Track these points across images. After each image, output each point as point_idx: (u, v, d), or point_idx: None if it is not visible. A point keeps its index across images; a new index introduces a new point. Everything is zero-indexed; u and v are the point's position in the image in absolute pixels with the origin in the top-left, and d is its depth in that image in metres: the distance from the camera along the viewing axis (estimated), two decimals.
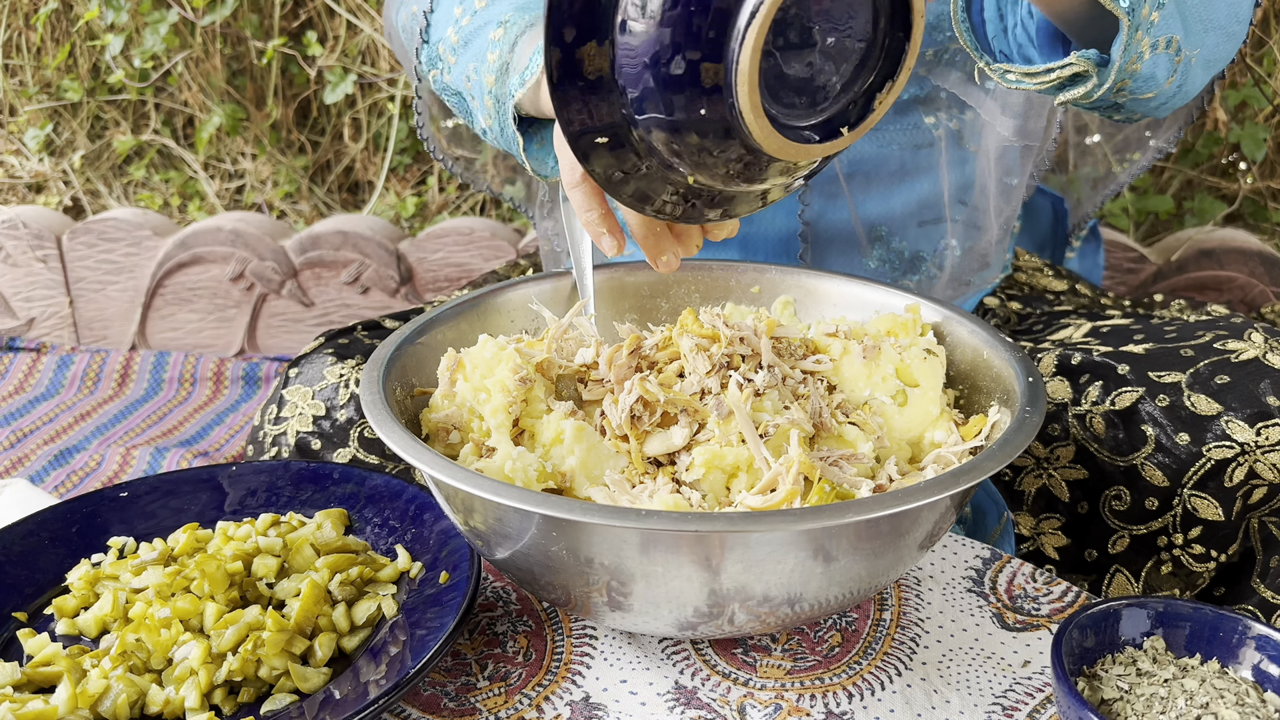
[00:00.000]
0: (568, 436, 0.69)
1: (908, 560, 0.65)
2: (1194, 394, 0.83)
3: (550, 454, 0.69)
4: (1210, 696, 0.59)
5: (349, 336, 1.00)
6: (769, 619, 0.63)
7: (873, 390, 0.73)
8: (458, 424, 0.73)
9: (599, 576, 0.61)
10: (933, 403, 0.74)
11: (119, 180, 2.19)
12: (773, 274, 0.88)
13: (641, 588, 0.61)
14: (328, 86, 2.00)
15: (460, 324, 0.83)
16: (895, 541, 0.62)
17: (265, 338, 1.97)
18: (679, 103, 0.61)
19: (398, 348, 0.76)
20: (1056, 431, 0.89)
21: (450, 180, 2.07)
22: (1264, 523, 0.83)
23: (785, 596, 0.61)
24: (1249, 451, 0.81)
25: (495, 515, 0.62)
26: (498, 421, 0.70)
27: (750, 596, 0.61)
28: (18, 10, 2.11)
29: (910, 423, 0.73)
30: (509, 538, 0.63)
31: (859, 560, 0.61)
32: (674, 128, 0.62)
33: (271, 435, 0.94)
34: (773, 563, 0.59)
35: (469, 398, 0.72)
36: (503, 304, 0.86)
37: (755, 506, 0.63)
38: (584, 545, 0.60)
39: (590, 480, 0.68)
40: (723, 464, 0.67)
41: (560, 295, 0.88)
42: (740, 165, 0.64)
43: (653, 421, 0.69)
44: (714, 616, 0.62)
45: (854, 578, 0.62)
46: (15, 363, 1.94)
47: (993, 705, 0.66)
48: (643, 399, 0.69)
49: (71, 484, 1.55)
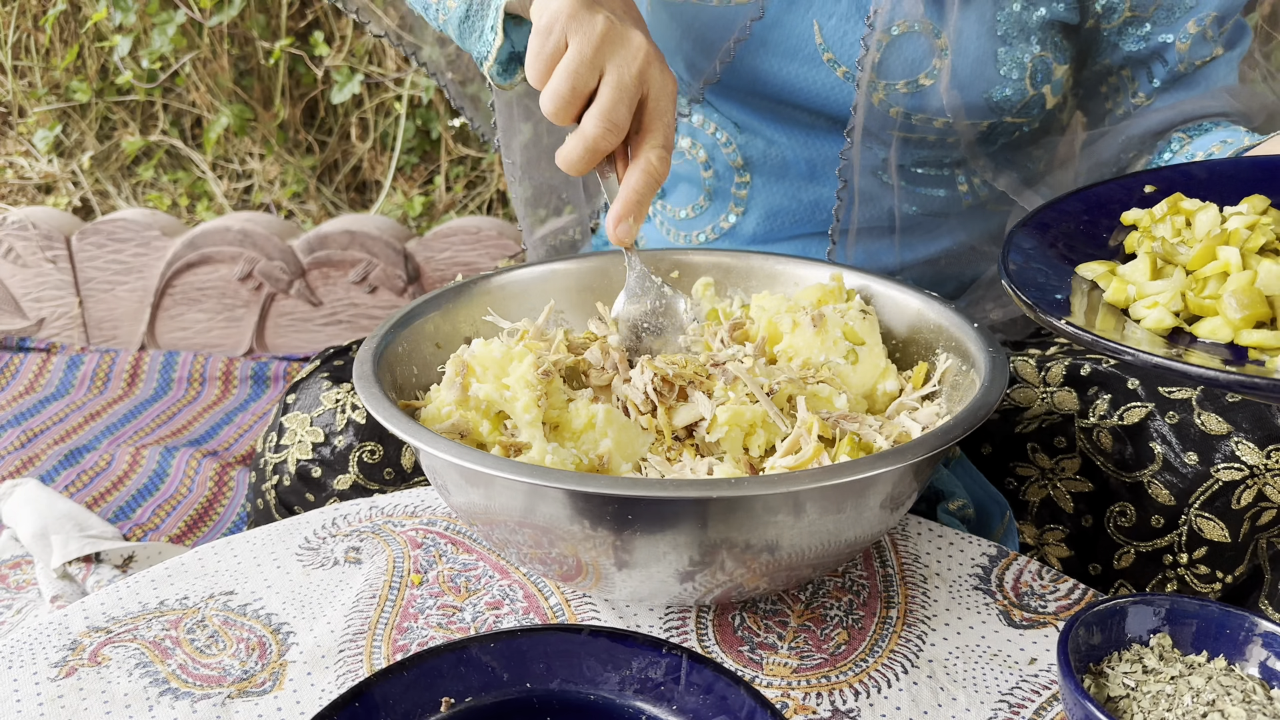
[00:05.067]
0: (599, 421, 0.71)
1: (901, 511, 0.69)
2: (1204, 412, 0.82)
3: (582, 440, 0.72)
4: (1217, 694, 0.59)
5: (344, 357, 1.00)
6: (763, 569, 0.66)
7: (827, 354, 0.78)
8: (464, 430, 0.73)
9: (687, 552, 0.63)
10: (879, 356, 0.79)
11: (128, 181, 2.20)
12: (691, 256, 0.91)
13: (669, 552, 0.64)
14: (335, 86, 2.00)
15: (424, 326, 0.83)
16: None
17: (274, 337, 1.97)
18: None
19: (375, 364, 0.75)
20: (1063, 443, 0.88)
21: (457, 180, 2.08)
22: (1273, 543, 0.82)
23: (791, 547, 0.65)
24: (1258, 474, 0.80)
25: (612, 510, 0.62)
26: (530, 417, 0.71)
27: (769, 547, 0.64)
28: (26, 12, 2.11)
29: (864, 378, 0.78)
30: (579, 525, 0.64)
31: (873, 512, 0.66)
32: None
33: (273, 463, 0.94)
34: (813, 517, 0.63)
35: (495, 398, 0.72)
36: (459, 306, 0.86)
37: (791, 467, 0.67)
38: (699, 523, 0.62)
39: (625, 459, 0.71)
40: (742, 421, 0.70)
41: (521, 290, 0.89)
42: None
43: (673, 396, 0.73)
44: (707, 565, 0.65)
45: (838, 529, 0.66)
46: (25, 363, 1.95)
47: (999, 703, 0.66)
48: (661, 375, 0.72)
49: (82, 483, 1.56)
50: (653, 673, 0.57)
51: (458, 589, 0.76)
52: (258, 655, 0.69)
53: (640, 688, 0.57)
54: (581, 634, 0.58)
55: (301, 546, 0.79)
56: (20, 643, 0.70)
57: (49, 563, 1.30)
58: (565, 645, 0.58)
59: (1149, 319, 0.63)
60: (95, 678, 0.67)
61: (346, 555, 0.79)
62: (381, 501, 0.84)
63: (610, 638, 0.58)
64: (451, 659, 0.57)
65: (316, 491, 0.93)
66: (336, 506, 0.84)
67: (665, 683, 0.57)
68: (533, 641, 0.58)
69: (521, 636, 0.58)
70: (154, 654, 0.69)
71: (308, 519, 0.82)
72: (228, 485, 1.58)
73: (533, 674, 0.58)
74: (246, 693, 0.66)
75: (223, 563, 0.78)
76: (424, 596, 0.75)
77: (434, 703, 0.56)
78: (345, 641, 0.70)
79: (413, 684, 0.56)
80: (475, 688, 0.57)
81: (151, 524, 1.47)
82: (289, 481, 0.93)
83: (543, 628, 0.59)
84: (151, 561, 1.32)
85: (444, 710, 0.56)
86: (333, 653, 0.69)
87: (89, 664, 0.69)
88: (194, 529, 1.48)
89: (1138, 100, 0.99)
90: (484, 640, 0.57)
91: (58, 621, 0.72)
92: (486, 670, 0.57)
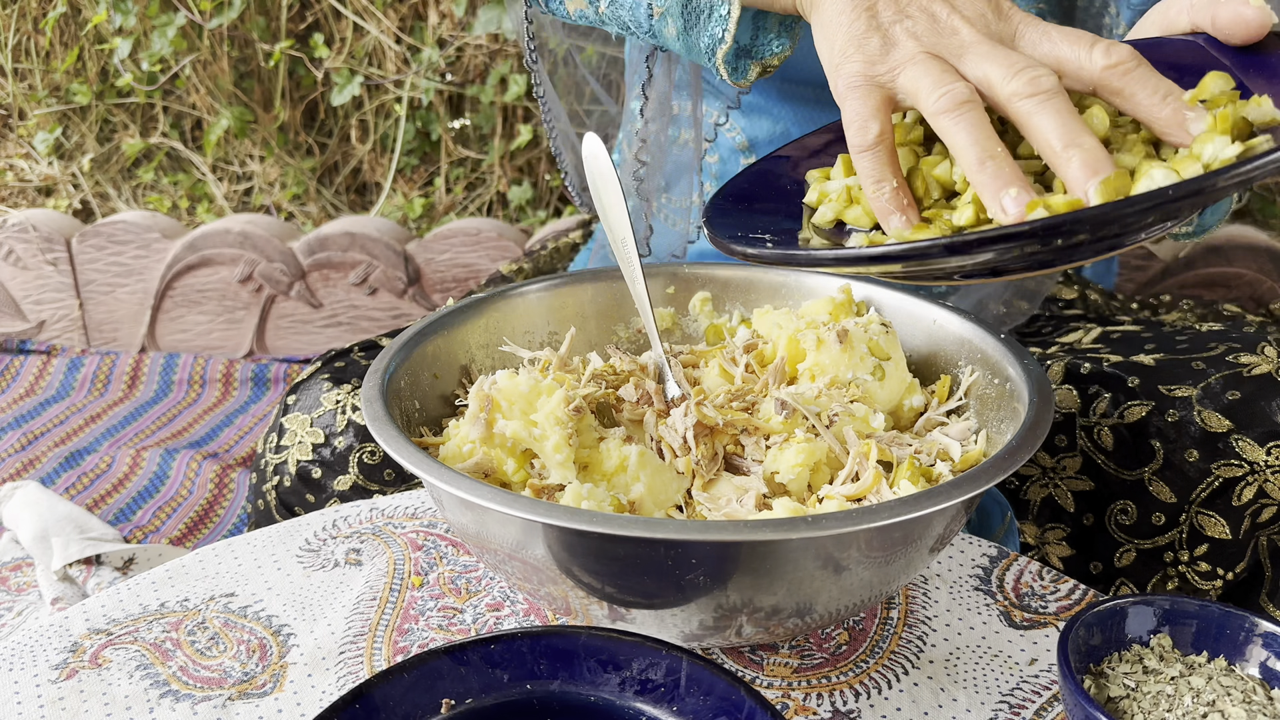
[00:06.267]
0: (632, 463, 0.67)
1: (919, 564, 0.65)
2: (1204, 410, 0.82)
3: (614, 483, 0.67)
4: (1217, 694, 0.59)
5: (345, 359, 1.00)
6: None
7: (854, 371, 0.74)
8: (488, 469, 0.69)
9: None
10: (903, 371, 0.75)
11: (128, 183, 2.20)
12: (685, 270, 0.87)
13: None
14: (335, 88, 2.00)
15: (442, 338, 0.79)
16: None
17: (274, 339, 1.97)
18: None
19: (388, 378, 0.72)
20: (1064, 442, 0.88)
21: (457, 181, 2.08)
22: (1274, 540, 0.82)
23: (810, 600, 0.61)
24: (1259, 471, 0.80)
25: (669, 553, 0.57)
26: (562, 458, 0.66)
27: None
28: (26, 14, 2.12)
29: (890, 394, 0.74)
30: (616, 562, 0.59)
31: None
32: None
33: (273, 464, 0.94)
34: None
35: (523, 436, 0.68)
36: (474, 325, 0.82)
37: (850, 495, 0.64)
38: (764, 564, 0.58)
39: (657, 505, 0.67)
40: (813, 460, 0.66)
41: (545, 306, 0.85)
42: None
43: (713, 450, 0.68)
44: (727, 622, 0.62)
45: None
46: (26, 365, 1.95)
47: (1000, 703, 0.66)
48: (709, 425, 0.68)
49: (82, 486, 1.56)
50: (653, 674, 0.57)
51: (458, 590, 0.76)
52: (258, 657, 0.69)
53: (640, 689, 0.57)
54: (581, 635, 0.58)
55: (302, 548, 0.79)
56: (21, 645, 0.71)
57: (49, 565, 1.30)
58: (565, 646, 0.58)
59: (818, 215, 0.63)
60: (96, 680, 0.67)
61: (347, 557, 0.79)
62: (382, 503, 0.84)
63: (610, 639, 0.58)
64: (452, 661, 0.57)
65: (317, 492, 0.93)
66: (337, 508, 0.84)
67: (665, 684, 0.56)
68: (533, 643, 0.58)
69: (522, 638, 0.58)
70: (154, 656, 0.69)
71: (308, 521, 0.82)
72: (228, 487, 1.58)
73: (533, 675, 0.58)
74: (247, 694, 0.66)
75: (223, 565, 0.78)
76: (425, 598, 0.75)
77: (434, 704, 0.56)
78: (346, 643, 0.70)
79: (413, 686, 0.56)
80: (475, 689, 0.57)
81: (152, 526, 1.47)
82: (289, 483, 0.93)
83: (543, 629, 0.58)
84: (152, 563, 1.32)
85: (444, 712, 0.56)
86: (333, 654, 0.69)
87: (89, 666, 0.69)
88: (194, 531, 1.48)
89: (1120, 32, 0.96)
90: (484, 642, 0.57)
91: (58, 624, 0.72)
92: (487, 672, 0.57)
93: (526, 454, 0.69)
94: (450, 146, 2.05)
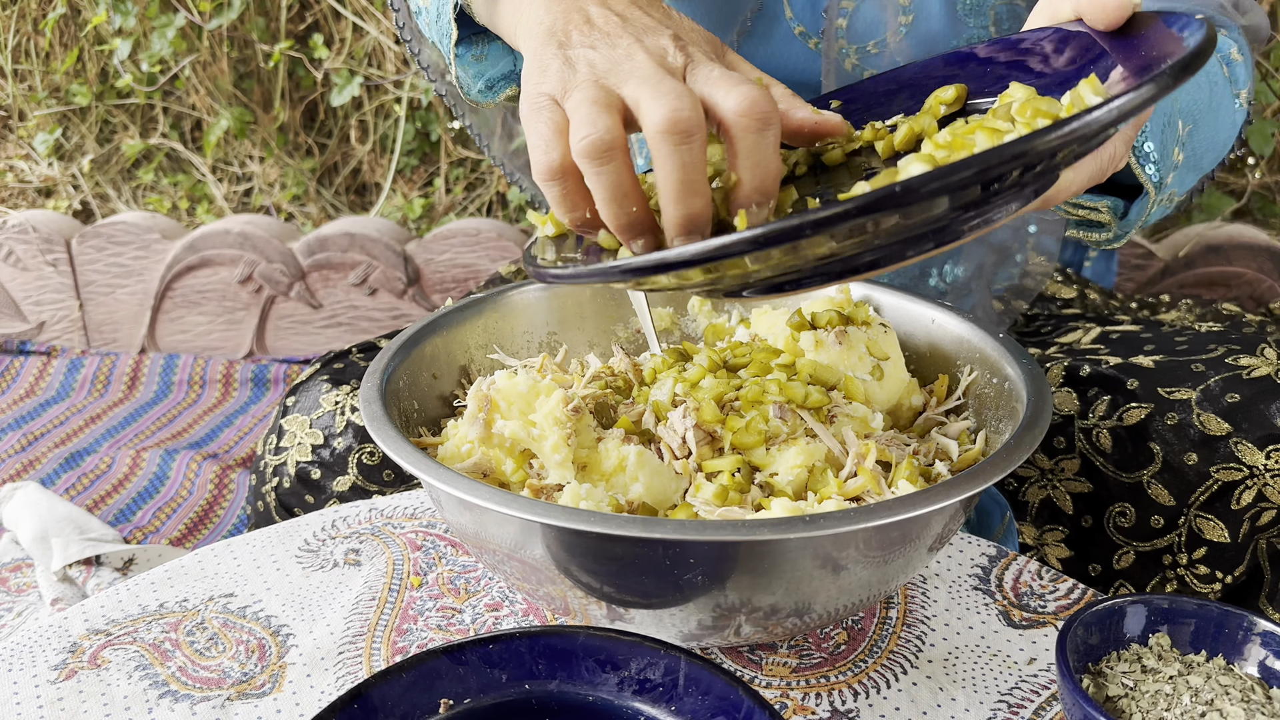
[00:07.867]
0: (631, 464, 0.67)
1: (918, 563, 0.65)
2: (1204, 413, 0.82)
3: (613, 483, 0.67)
4: (1215, 693, 0.59)
5: (344, 360, 1.00)
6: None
7: (853, 370, 0.74)
8: (487, 469, 0.69)
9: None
10: (901, 371, 0.75)
11: (128, 184, 2.20)
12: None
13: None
14: (334, 89, 2.00)
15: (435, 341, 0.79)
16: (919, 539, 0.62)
17: (274, 339, 1.97)
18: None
19: (385, 380, 0.72)
20: (1062, 444, 0.88)
21: (456, 182, 2.08)
22: (1273, 543, 0.82)
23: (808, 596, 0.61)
24: (1258, 475, 0.80)
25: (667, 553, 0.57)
26: (560, 458, 0.67)
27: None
28: (26, 16, 2.12)
29: (889, 393, 0.74)
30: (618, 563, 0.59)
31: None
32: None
33: (272, 465, 0.94)
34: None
35: (521, 436, 0.68)
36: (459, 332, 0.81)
37: (849, 493, 0.64)
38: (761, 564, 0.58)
39: (658, 505, 0.67)
40: (811, 461, 0.67)
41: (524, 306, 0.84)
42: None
43: (715, 446, 0.68)
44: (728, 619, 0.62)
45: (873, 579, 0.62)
46: (26, 366, 1.95)
47: (998, 703, 0.66)
48: (708, 430, 0.67)
49: (82, 486, 1.56)
50: (651, 674, 0.57)
51: (457, 591, 0.76)
52: (257, 657, 0.69)
53: (639, 689, 0.57)
54: (580, 635, 0.58)
55: (301, 549, 0.79)
56: (20, 645, 0.71)
57: (49, 566, 1.30)
58: (564, 646, 0.58)
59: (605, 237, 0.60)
60: (95, 680, 0.67)
61: (346, 557, 0.79)
62: (381, 504, 0.84)
63: (609, 639, 0.58)
64: (450, 661, 0.57)
65: (316, 493, 0.93)
66: (336, 509, 0.84)
67: (664, 684, 0.56)
68: (531, 643, 0.58)
69: (520, 638, 0.58)
70: (154, 656, 0.70)
71: (307, 521, 0.82)
72: (228, 488, 1.58)
73: (531, 675, 0.58)
74: (246, 695, 0.66)
75: (222, 565, 0.78)
76: (423, 598, 0.75)
77: (433, 704, 0.56)
78: (345, 643, 0.70)
79: (411, 686, 0.56)
80: (474, 689, 0.57)
81: (152, 526, 1.47)
82: (289, 483, 0.94)
83: (541, 629, 0.58)
84: (152, 564, 1.32)
85: (443, 712, 0.56)
86: (332, 655, 0.69)
87: (89, 666, 0.69)
88: (194, 531, 1.48)
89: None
90: (483, 642, 0.57)
91: (58, 624, 0.73)
92: (485, 672, 0.57)
93: (525, 454, 0.69)
94: (450, 147, 2.05)
